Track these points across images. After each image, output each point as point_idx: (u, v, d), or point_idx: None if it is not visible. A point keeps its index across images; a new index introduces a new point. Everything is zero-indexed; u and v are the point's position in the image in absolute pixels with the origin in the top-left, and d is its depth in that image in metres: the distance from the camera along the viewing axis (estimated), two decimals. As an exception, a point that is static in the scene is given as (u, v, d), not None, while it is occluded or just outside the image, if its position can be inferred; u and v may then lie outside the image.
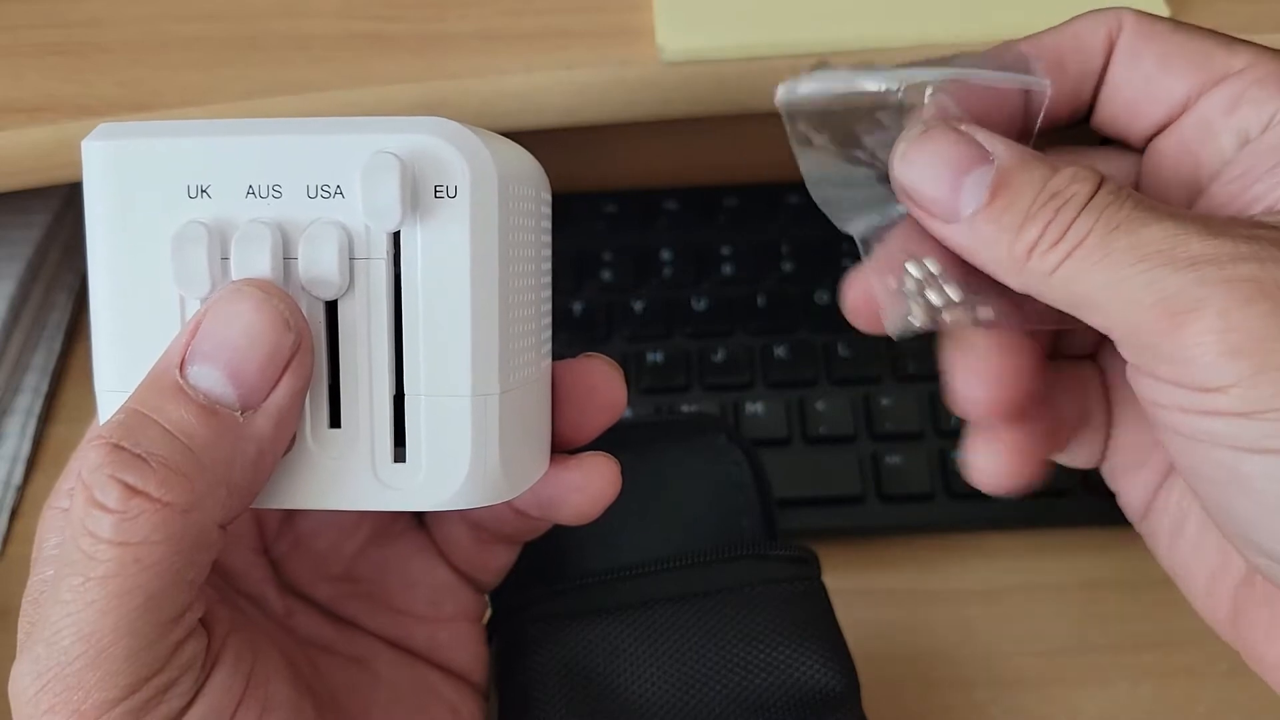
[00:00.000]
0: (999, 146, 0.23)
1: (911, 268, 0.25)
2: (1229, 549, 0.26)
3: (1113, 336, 0.22)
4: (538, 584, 0.31)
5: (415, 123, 0.22)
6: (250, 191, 0.23)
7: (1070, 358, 0.29)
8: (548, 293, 0.26)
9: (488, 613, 0.32)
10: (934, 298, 0.25)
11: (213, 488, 0.21)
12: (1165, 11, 0.39)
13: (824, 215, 0.27)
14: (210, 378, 0.21)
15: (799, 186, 0.25)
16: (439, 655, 0.30)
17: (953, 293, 0.25)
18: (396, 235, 0.22)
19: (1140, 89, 0.25)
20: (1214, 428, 0.21)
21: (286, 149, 0.23)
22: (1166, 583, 0.35)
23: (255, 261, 0.22)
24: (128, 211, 0.23)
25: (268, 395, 0.22)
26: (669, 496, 0.33)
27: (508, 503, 0.28)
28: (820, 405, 0.46)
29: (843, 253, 0.50)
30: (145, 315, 0.23)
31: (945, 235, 0.24)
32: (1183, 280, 0.21)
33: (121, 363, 0.23)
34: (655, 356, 0.48)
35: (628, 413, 0.45)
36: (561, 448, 0.27)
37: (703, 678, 0.29)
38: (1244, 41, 0.25)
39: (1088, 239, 0.22)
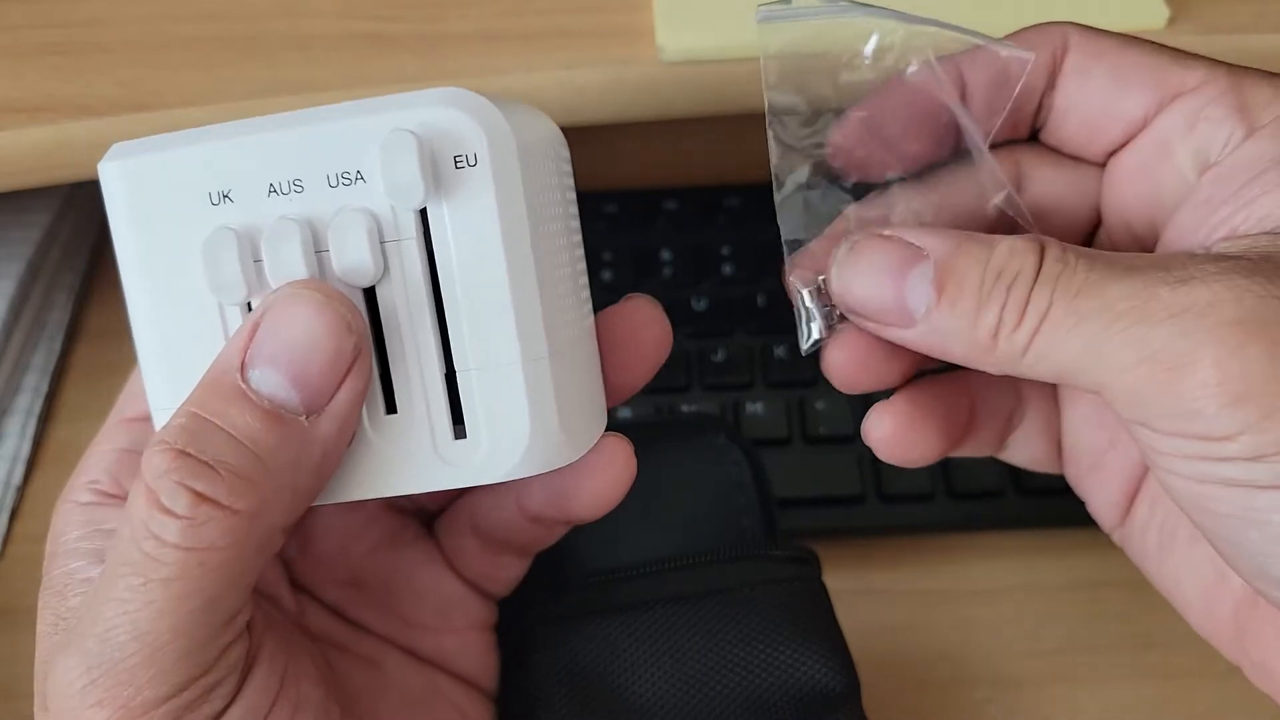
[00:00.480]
0: (929, 239, 0.23)
1: (807, 293, 0.25)
2: (1224, 565, 0.25)
3: (1104, 397, 0.22)
4: (538, 585, 0.31)
5: (427, 95, 0.22)
6: (272, 190, 0.22)
7: None
8: (580, 250, 0.26)
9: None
10: (827, 313, 0.25)
11: (279, 493, 0.21)
12: (1164, 14, 0.39)
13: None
14: (273, 382, 0.21)
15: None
16: (446, 662, 0.30)
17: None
18: (424, 213, 0.22)
19: (1095, 108, 0.25)
20: (1222, 471, 0.21)
21: (302, 141, 0.22)
22: (1167, 583, 0.35)
23: (288, 259, 0.22)
24: (153, 227, 0.23)
25: (331, 398, 0.22)
26: (669, 497, 0.33)
27: (519, 509, 0.28)
28: (820, 405, 0.46)
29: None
30: (186, 328, 0.23)
31: (908, 340, 0.24)
32: (1164, 334, 0.20)
33: (170, 378, 0.23)
34: (655, 356, 0.48)
35: (627, 413, 0.45)
36: (617, 395, 0.27)
37: (704, 678, 0.29)
38: (1194, 55, 0.25)
39: (1051, 311, 0.22)
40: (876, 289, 0.23)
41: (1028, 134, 0.27)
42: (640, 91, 0.40)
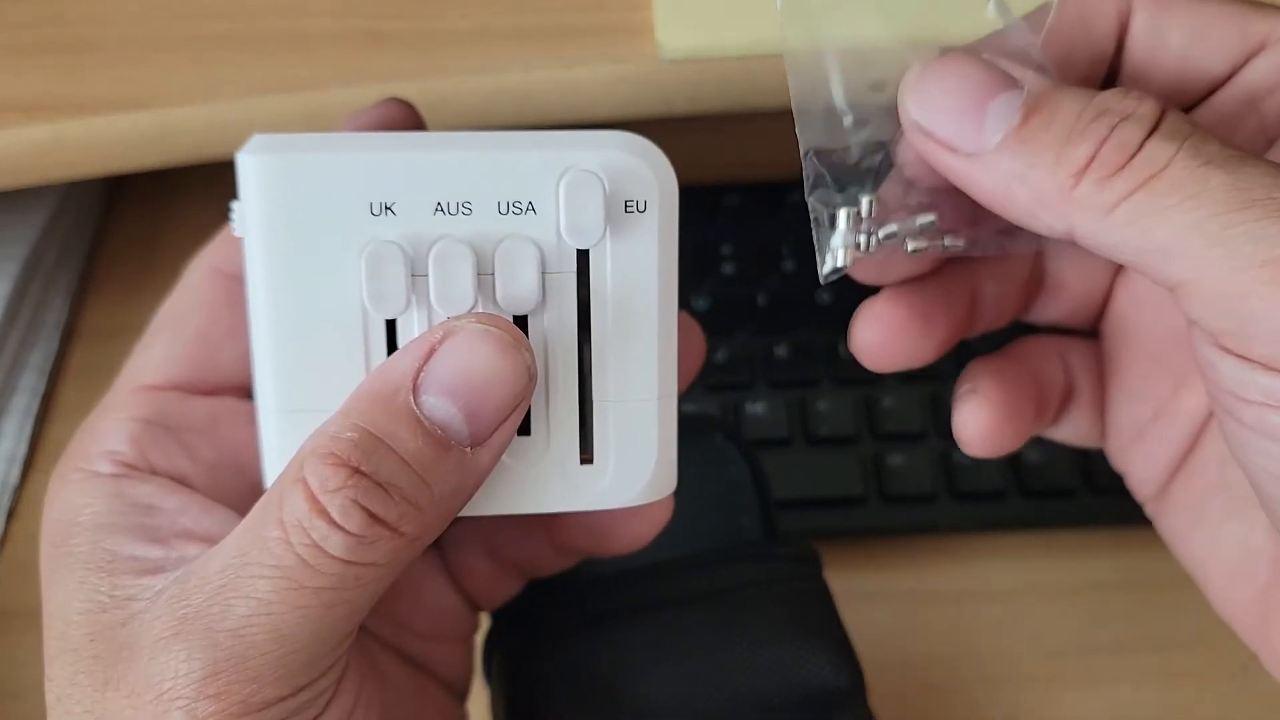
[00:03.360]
0: (1029, 74, 0.20)
1: (865, 201, 0.23)
2: (1254, 550, 0.24)
3: (1188, 296, 0.19)
4: (541, 592, 0.31)
5: (605, 138, 0.23)
6: (439, 208, 0.23)
7: (1046, 330, 0.27)
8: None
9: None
10: (894, 227, 0.23)
11: (440, 520, 0.22)
12: None
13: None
14: (446, 411, 0.21)
15: (800, 186, 0.25)
16: (432, 668, 0.30)
17: (888, 228, 0.23)
18: (584, 250, 0.23)
19: (1172, 68, 0.23)
20: None
21: (476, 165, 0.23)
22: (1171, 584, 0.35)
23: (457, 280, 0.22)
24: (304, 228, 0.23)
25: (494, 433, 0.22)
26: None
27: (548, 538, 0.28)
28: (822, 406, 0.46)
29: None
30: (326, 335, 0.23)
31: (963, 173, 0.21)
32: None
33: (300, 383, 0.23)
34: (655, 356, 0.48)
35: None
36: None
37: (709, 679, 0.29)
38: (1270, 5, 0.23)
39: (1169, 169, 0.18)
40: (956, 104, 0.20)
41: None
42: (640, 90, 0.40)
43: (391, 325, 0.23)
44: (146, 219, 0.56)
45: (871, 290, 0.26)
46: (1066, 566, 0.44)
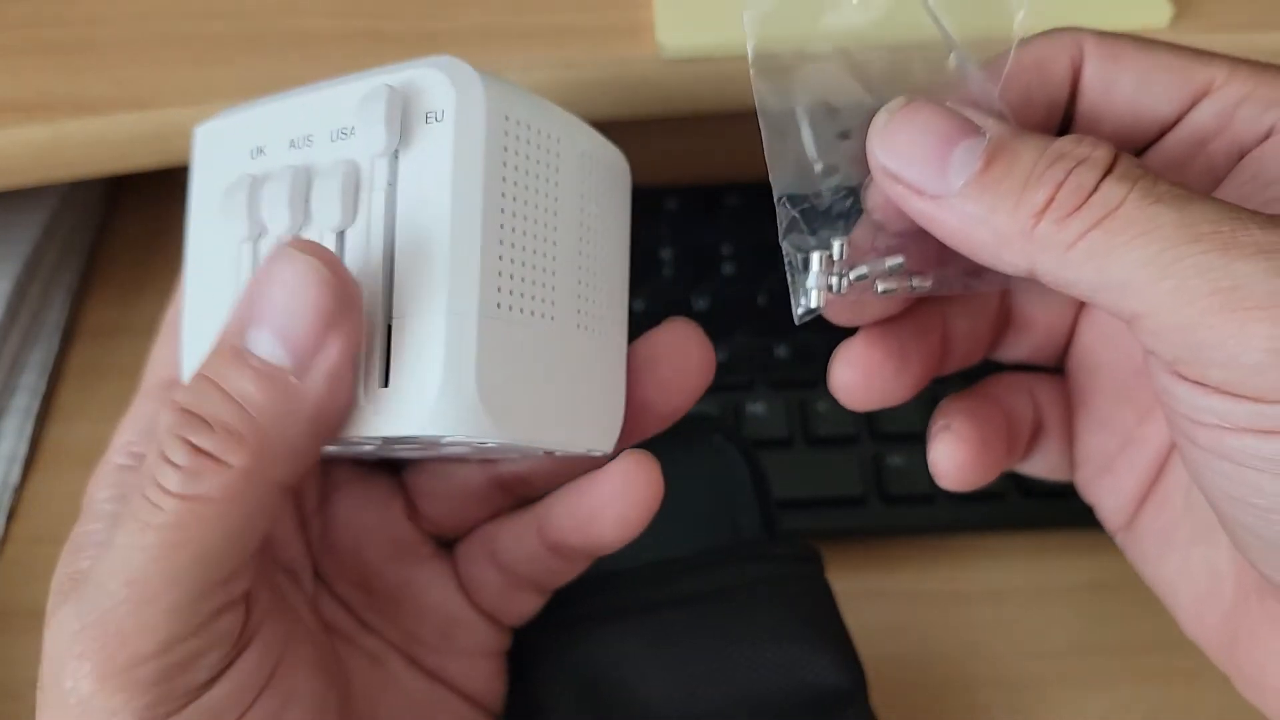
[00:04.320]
0: (989, 121, 0.21)
1: (836, 245, 0.24)
2: (1220, 573, 0.25)
3: (1143, 327, 0.20)
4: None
5: (422, 61, 0.23)
6: (292, 144, 0.24)
7: (1014, 367, 0.28)
8: (604, 264, 0.26)
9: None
10: (864, 269, 0.24)
11: (271, 448, 0.22)
12: (1169, 12, 0.39)
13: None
14: (265, 343, 0.22)
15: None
16: (449, 680, 0.29)
17: (859, 270, 0.24)
18: (398, 167, 0.23)
19: (1122, 113, 0.24)
20: (1272, 449, 0.19)
21: (319, 100, 0.24)
22: (1171, 584, 0.34)
23: (277, 203, 0.23)
24: (207, 185, 0.25)
25: (316, 354, 0.22)
26: (668, 497, 0.33)
27: (541, 539, 0.27)
28: (822, 406, 0.45)
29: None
30: (215, 270, 0.25)
31: (929, 215, 0.21)
32: (1249, 270, 0.18)
33: (201, 333, 0.25)
34: (656, 356, 0.47)
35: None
36: (660, 417, 0.27)
37: (710, 680, 0.29)
38: (1210, 52, 0.24)
39: (1122, 208, 0.19)
40: (918, 152, 0.21)
41: None
42: (640, 89, 0.40)
43: (255, 252, 0.25)
44: (147, 219, 0.56)
45: (848, 331, 0.27)
46: (1066, 566, 0.44)
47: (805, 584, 0.31)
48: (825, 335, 0.47)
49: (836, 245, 0.24)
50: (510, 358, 0.23)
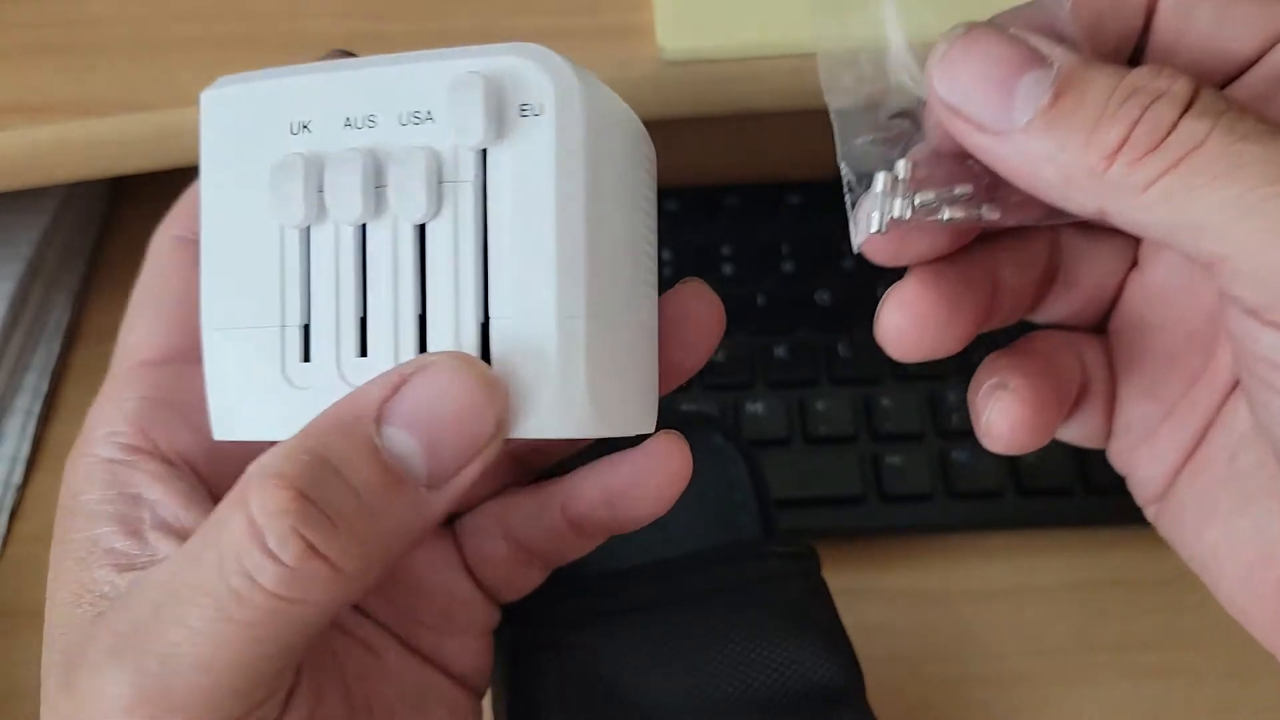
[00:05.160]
0: (1058, 50, 0.20)
1: (901, 165, 0.22)
2: (1273, 538, 0.24)
3: (1222, 270, 0.19)
4: (539, 590, 0.31)
5: (504, 47, 0.22)
6: (348, 123, 0.23)
7: (1060, 327, 0.27)
8: (651, 248, 0.25)
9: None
10: (930, 194, 0.22)
11: (382, 558, 0.21)
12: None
13: (824, 214, 0.26)
14: (406, 445, 0.20)
15: (799, 186, 0.25)
16: (442, 661, 0.29)
17: (925, 195, 0.22)
18: (486, 160, 0.22)
19: (1199, 48, 0.23)
20: None
21: (381, 79, 0.23)
22: (1167, 583, 0.35)
23: (345, 188, 0.22)
24: (235, 152, 0.24)
25: (454, 476, 0.21)
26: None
27: (564, 513, 0.27)
28: (820, 405, 0.46)
29: (843, 253, 0.50)
30: (248, 251, 0.23)
31: (992, 151, 0.20)
32: None
33: (227, 299, 0.24)
34: (655, 356, 0.48)
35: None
36: (677, 374, 0.26)
37: (708, 679, 0.29)
38: None
39: (1207, 145, 0.18)
40: (980, 84, 0.20)
41: None
42: (641, 91, 0.40)
43: (307, 238, 0.23)
44: (149, 220, 0.56)
45: (872, 292, 0.25)
46: (1064, 565, 0.44)
47: (802, 583, 0.31)
48: (824, 335, 0.48)
49: (902, 165, 0.22)
50: (607, 358, 0.23)
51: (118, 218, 0.57)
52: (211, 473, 0.25)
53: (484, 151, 0.22)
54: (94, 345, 0.52)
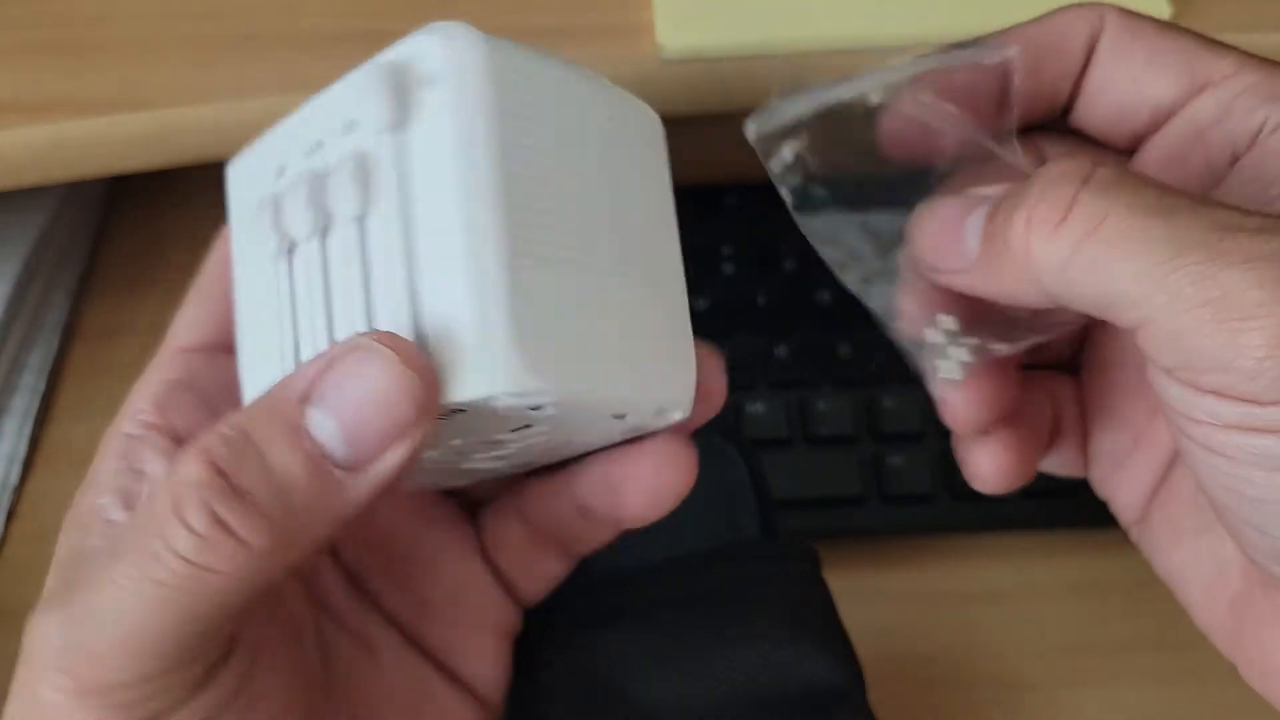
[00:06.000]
0: (995, 190, 0.23)
1: (930, 332, 0.25)
2: (1225, 561, 0.25)
3: (1143, 335, 0.20)
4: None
5: (419, 30, 0.23)
6: (307, 153, 0.23)
7: (1037, 367, 0.28)
8: (648, 210, 0.25)
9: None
10: (959, 351, 0.25)
11: (296, 539, 0.21)
12: (1166, 11, 0.39)
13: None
14: (327, 429, 0.21)
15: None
16: (450, 660, 0.28)
17: (971, 339, 0.24)
18: (403, 143, 0.22)
19: (1126, 91, 0.25)
20: (1263, 445, 0.20)
21: (325, 100, 0.23)
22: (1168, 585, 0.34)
23: (294, 209, 0.23)
24: (246, 207, 0.25)
25: (375, 461, 0.21)
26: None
27: (570, 498, 0.27)
28: (822, 406, 0.46)
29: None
30: (261, 307, 0.24)
31: (964, 285, 0.23)
32: (1237, 279, 0.19)
33: (252, 341, 0.25)
34: (655, 356, 0.48)
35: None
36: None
37: (709, 679, 0.29)
38: (1227, 46, 0.24)
39: (1109, 220, 0.20)
40: (940, 236, 0.23)
41: (1061, 114, 0.26)
42: (640, 90, 0.40)
43: (290, 269, 0.24)
44: (147, 219, 0.56)
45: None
46: (1066, 566, 0.44)
47: (803, 584, 0.31)
48: (824, 335, 0.48)
49: (948, 319, 0.25)
50: (547, 307, 0.22)
51: (116, 217, 0.57)
52: None
53: (403, 134, 0.22)
54: (92, 344, 0.52)
